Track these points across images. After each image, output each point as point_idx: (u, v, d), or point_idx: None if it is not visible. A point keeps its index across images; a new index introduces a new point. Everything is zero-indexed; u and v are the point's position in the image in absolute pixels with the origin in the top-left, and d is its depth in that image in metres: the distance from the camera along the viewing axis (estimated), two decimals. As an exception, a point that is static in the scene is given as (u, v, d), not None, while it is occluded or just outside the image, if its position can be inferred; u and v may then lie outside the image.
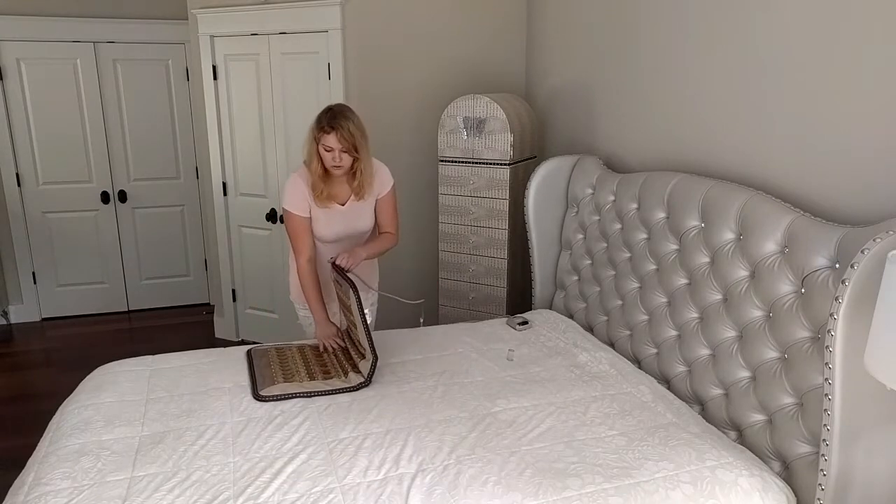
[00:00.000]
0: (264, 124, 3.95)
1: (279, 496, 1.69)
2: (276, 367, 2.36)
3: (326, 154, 2.47)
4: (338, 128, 2.42)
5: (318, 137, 2.46)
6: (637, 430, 1.98)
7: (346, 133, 2.42)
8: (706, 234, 2.23)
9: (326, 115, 2.46)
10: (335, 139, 2.43)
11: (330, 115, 2.46)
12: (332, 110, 2.47)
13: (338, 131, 2.42)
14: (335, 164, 2.48)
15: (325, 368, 2.37)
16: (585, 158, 3.06)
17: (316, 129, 2.47)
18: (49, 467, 1.82)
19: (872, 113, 1.82)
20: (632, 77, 2.90)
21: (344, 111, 2.48)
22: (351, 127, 2.44)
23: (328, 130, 2.43)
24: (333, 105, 2.52)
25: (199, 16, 3.91)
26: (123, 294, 5.02)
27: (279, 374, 2.30)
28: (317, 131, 2.46)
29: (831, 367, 1.62)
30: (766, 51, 2.18)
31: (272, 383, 2.24)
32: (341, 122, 2.43)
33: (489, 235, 3.31)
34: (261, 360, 2.42)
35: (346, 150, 2.45)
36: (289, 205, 2.57)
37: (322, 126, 2.44)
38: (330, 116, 2.45)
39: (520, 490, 1.70)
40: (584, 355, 2.51)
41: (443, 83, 3.77)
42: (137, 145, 4.83)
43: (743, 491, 1.73)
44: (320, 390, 2.22)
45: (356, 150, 2.47)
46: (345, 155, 2.47)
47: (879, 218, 1.78)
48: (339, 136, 2.42)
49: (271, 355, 2.47)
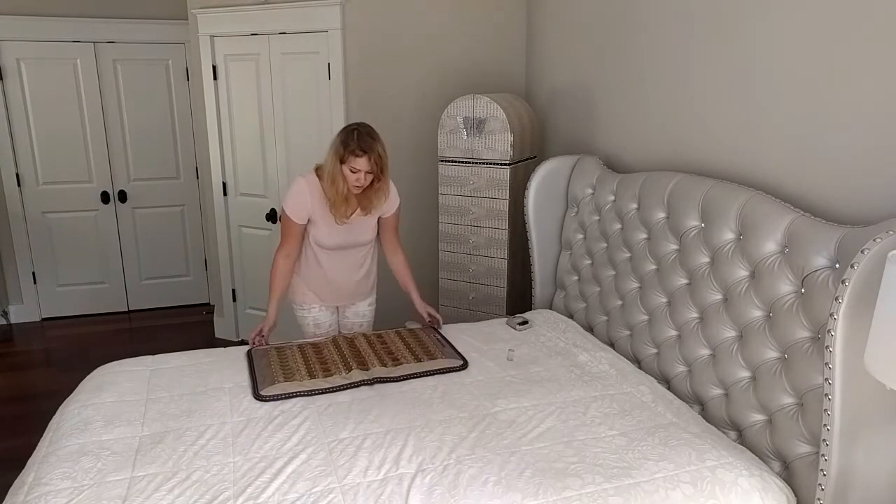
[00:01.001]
0: (264, 124, 3.95)
1: (279, 496, 1.69)
2: (277, 367, 2.36)
3: (351, 175, 2.44)
4: (370, 152, 2.40)
5: (346, 159, 2.42)
6: (637, 430, 1.98)
7: (376, 157, 2.41)
8: (706, 234, 2.23)
9: (354, 135, 2.42)
10: (366, 163, 2.41)
11: (358, 135, 2.41)
12: (359, 131, 2.43)
13: (370, 156, 2.40)
14: (358, 184, 2.46)
15: (325, 366, 2.37)
16: (585, 158, 3.06)
17: (343, 151, 2.42)
18: (49, 467, 1.82)
19: (872, 113, 1.82)
20: (632, 77, 2.90)
21: (371, 132, 2.45)
22: (380, 150, 2.43)
23: (360, 154, 2.40)
24: (358, 125, 2.47)
25: (199, 16, 3.91)
26: (123, 294, 5.02)
27: (279, 374, 2.30)
28: (344, 153, 2.42)
29: (831, 367, 1.62)
30: (766, 51, 2.18)
31: (273, 383, 2.24)
32: (372, 146, 2.41)
33: (489, 235, 3.31)
34: (261, 360, 2.42)
35: (374, 173, 2.45)
36: (289, 210, 2.57)
37: (353, 149, 2.40)
38: (359, 138, 2.41)
39: (520, 490, 1.70)
40: (584, 355, 2.51)
41: (443, 83, 3.77)
42: (137, 145, 4.83)
43: (743, 491, 1.73)
44: (321, 388, 2.23)
45: (381, 173, 2.47)
46: (370, 175, 2.46)
47: (879, 218, 1.78)
48: (372, 161, 2.41)
49: (271, 355, 2.47)
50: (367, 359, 2.42)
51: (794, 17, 2.06)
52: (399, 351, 2.50)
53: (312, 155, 3.78)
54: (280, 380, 2.26)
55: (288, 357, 2.46)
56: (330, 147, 2.50)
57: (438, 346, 2.55)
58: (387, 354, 2.47)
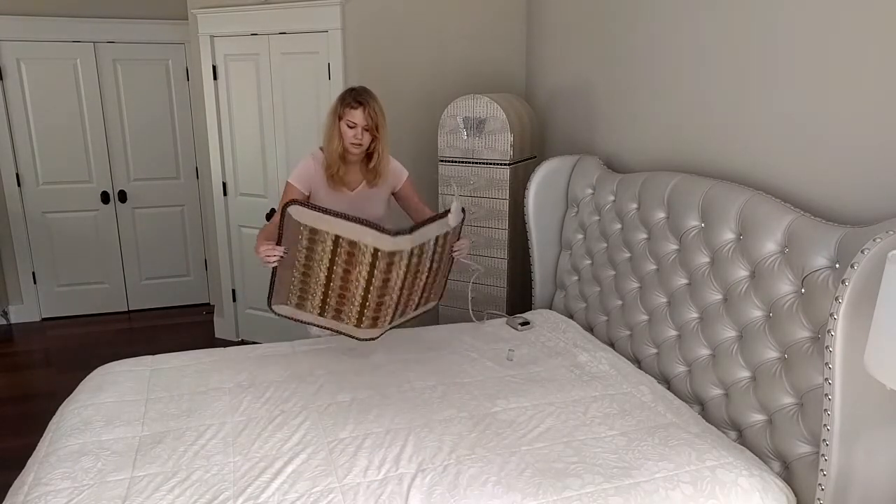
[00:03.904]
0: (264, 124, 3.95)
1: (279, 496, 1.69)
2: (296, 286, 2.27)
3: (349, 131, 2.48)
4: (365, 104, 2.45)
5: (343, 113, 2.48)
6: (637, 430, 1.98)
7: (371, 110, 2.46)
8: (706, 234, 2.23)
9: (351, 92, 2.49)
10: (361, 115, 2.45)
11: (355, 92, 2.49)
12: (356, 89, 2.51)
13: (365, 107, 2.45)
14: (356, 141, 2.49)
15: (340, 305, 2.27)
16: (585, 158, 3.06)
17: (340, 106, 2.49)
18: (49, 467, 1.82)
19: (872, 112, 1.82)
20: (632, 77, 2.90)
21: (368, 90, 2.51)
22: (376, 105, 2.48)
23: (355, 105, 2.45)
24: (356, 86, 2.54)
25: (199, 16, 3.91)
26: (123, 294, 5.02)
27: (294, 294, 2.26)
28: (341, 107, 2.48)
29: (831, 367, 1.62)
30: (766, 50, 2.18)
31: (285, 302, 2.21)
32: (367, 99, 2.47)
33: (489, 235, 3.31)
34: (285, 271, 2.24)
35: (369, 128, 2.48)
36: (293, 178, 2.58)
37: (348, 102, 2.47)
38: (356, 93, 2.48)
39: (520, 490, 1.70)
40: (584, 355, 2.51)
41: (443, 83, 3.77)
42: (137, 145, 4.83)
43: (743, 491, 1.73)
44: (325, 327, 2.21)
45: (377, 130, 2.50)
46: (366, 133, 2.49)
47: (879, 218, 1.78)
48: (366, 113, 2.45)
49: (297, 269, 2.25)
50: (385, 313, 2.29)
51: (795, 16, 2.06)
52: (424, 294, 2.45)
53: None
54: (293, 301, 2.22)
55: (311, 278, 2.26)
56: (329, 109, 2.55)
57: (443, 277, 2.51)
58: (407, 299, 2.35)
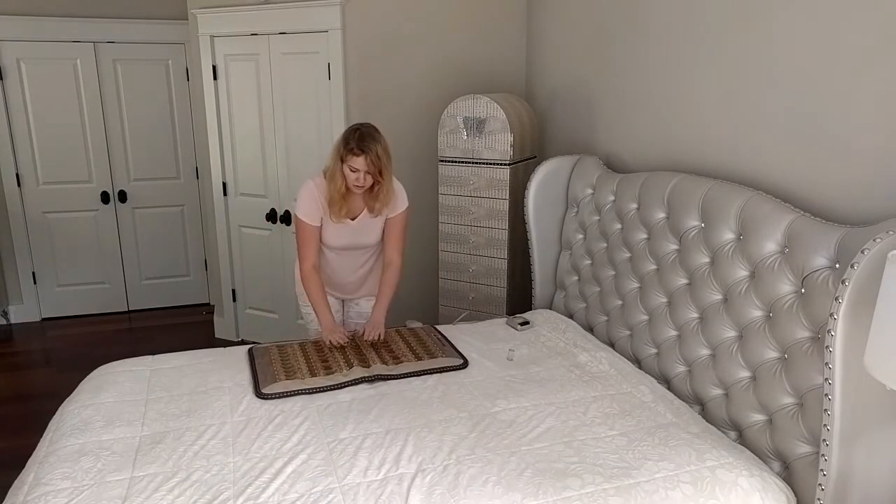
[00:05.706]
0: (264, 124, 3.95)
1: (279, 496, 1.69)
2: (278, 365, 2.36)
3: (351, 174, 2.46)
4: (367, 151, 2.40)
5: (346, 158, 2.44)
6: (637, 430, 1.98)
7: (374, 157, 2.41)
8: (706, 234, 2.23)
9: (355, 135, 2.43)
10: (363, 162, 2.42)
11: (359, 136, 2.43)
12: (361, 131, 2.44)
13: (367, 155, 2.41)
14: (358, 184, 2.47)
15: (326, 364, 2.38)
16: (585, 158, 3.06)
17: (343, 150, 2.44)
18: (49, 467, 1.82)
19: (873, 112, 1.82)
20: (632, 77, 2.90)
21: (372, 133, 2.45)
22: (379, 150, 2.43)
23: (357, 153, 2.41)
24: (361, 125, 2.49)
25: (199, 16, 3.91)
26: (123, 294, 5.02)
27: (281, 372, 2.31)
28: (344, 152, 2.44)
29: (831, 367, 1.62)
30: (766, 51, 2.18)
31: (274, 381, 2.24)
32: (370, 146, 2.41)
33: (489, 235, 3.31)
34: (262, 359, 2.43)
35: (372, 173, 2.45)
36: (301, 213, 2.57)
37: (351, 147, 2.42)
38: (359, 138, 2.42)
39: (520, 490, 1.70)
40: (584, 355, 2.51)
41: (443, 83, 3.76)
42: (137, 145, 4.82)
43: (743, 491, 1.73)
44: (322, 386, 2.23)
45: (381, 175, 2.47)
46: (369, 176, 2.46)
47: (879, 218, 1.78)
48: (368, 160, 2.41)
49: (272, 353, 2.47)
50: (368, 356, 2.43)
51: (795, 16, 2.06)
52: (400, 349, 2.50)
53: (312, 155, 3.79)
54: (281, 378, 2.26)
55: (289, 355, 2.46)
56: (334, 146, 2.53)
57: (439, 344, 2.55)
58: (387, 353, 2.47)
